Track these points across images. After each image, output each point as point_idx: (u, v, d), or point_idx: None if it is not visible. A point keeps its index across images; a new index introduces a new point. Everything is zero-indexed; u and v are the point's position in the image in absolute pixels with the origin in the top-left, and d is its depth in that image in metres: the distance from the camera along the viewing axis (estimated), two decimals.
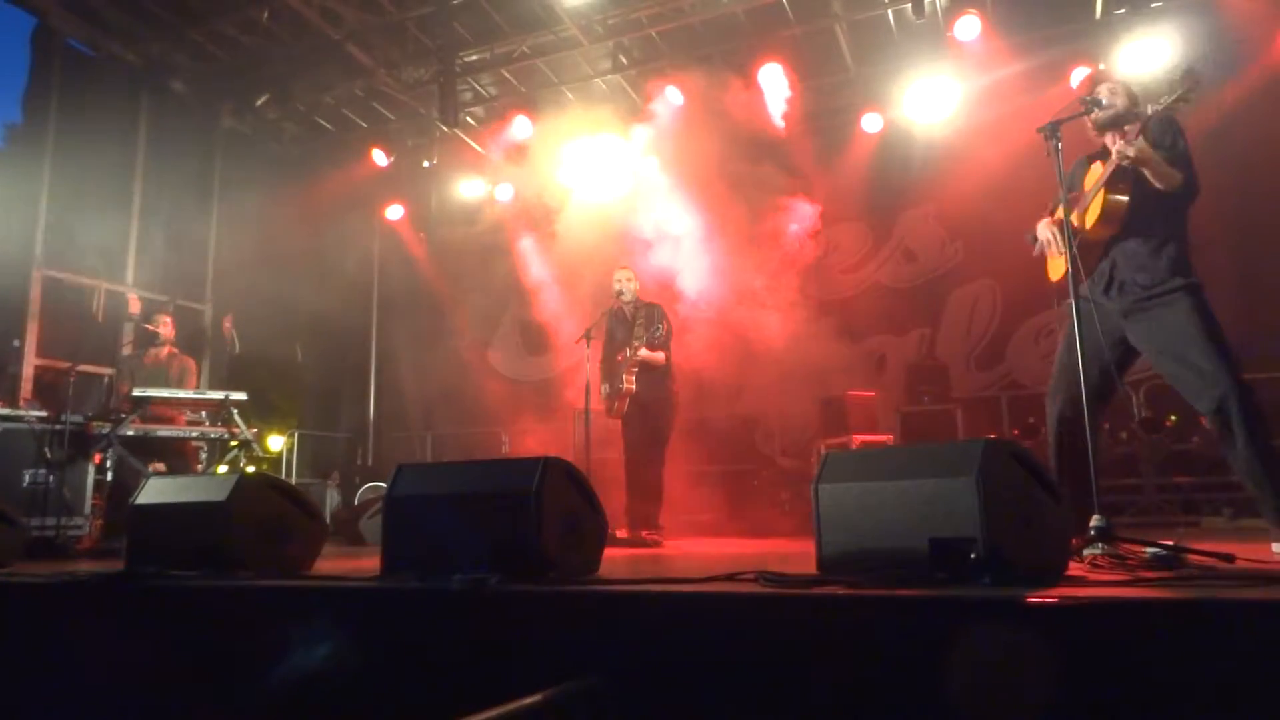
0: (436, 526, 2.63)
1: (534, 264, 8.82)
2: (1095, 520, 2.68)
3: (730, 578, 2.39)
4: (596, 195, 8.43)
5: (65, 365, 5.80)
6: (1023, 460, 2.25)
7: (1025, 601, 1.79)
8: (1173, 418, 6.49)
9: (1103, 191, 3.18)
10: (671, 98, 8.36)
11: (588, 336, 5.60)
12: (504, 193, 9.27)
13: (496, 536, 2.50)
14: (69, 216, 7.30)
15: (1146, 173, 3.06)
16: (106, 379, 7.54)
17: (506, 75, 8.75)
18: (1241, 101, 6.81)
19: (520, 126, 8.79)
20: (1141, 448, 6.43)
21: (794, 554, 3.43)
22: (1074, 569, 2.44)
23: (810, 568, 2.38)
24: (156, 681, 2.68)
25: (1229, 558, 2.48)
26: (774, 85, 8.12)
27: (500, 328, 9.68)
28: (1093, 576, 2.36)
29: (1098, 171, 3.29)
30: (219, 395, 5.57)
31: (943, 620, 1.85)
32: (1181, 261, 3.19)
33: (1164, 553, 2.54)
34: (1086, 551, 2.63)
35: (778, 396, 7.92)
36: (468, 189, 9.36)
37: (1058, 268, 3.44)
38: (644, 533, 5.29)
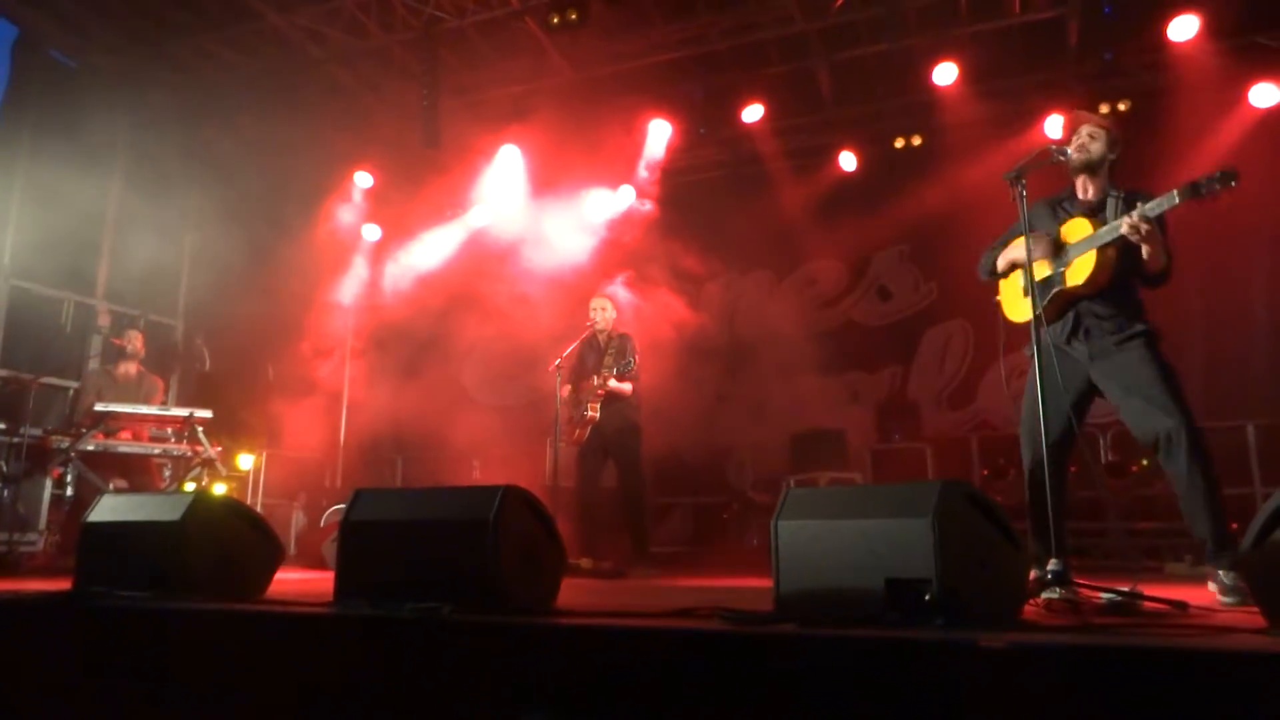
0: (392, 553, 2.59)
1: (511, 290, 8.81)
2: (1052, 564, 2.69)
3: (686, 613, 2.37)
4: (577, 223, 8.46)
5: (28, 377, 5.70)
6: (979, 503, 2.26)
7: (977, 645, 1.78)
8: (1144, 462, 6.55)
9: (1095, 255, 3.25)
10: (656, 131, 8.46)
11: (560, 366, 5.60)
12: (484, 217, 9.28)
13: (453, 565, 2.47)
14: (41, 227, 7.22)
15: (1144, 249, 3.16)
16: (71, 392, 7.43)
17: (492, 101, 8.80)
18: (1211, 151, 6.97)
19: (504, 153, 8.84)
20: (1107, 492, 6.48)
21: (758, 590, 3.41)
22: (1029, 613, 2.44)
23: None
24: (101, 705, 2.61)
25: (1182, 605, 2.50)
26: (755, 121, 8.23)
27: (475, 353, 9.65)
28: (1046, 621, 2.36)
29: (1084, 228, 3.33)
30: (183, 412, 5.50)
31: (894, 662, 1.85)
32: (1138, 310, 3.36)
33: (1119, 599, 2.55)
34: (1043, 595, 2.64)
35: (750, 429, 7.93)
36: (448, 213, 9.36)
37: (1018, 310, 3.50)
38: (645, 565, 5.35)
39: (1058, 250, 3.39)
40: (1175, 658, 1.69)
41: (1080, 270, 3.29)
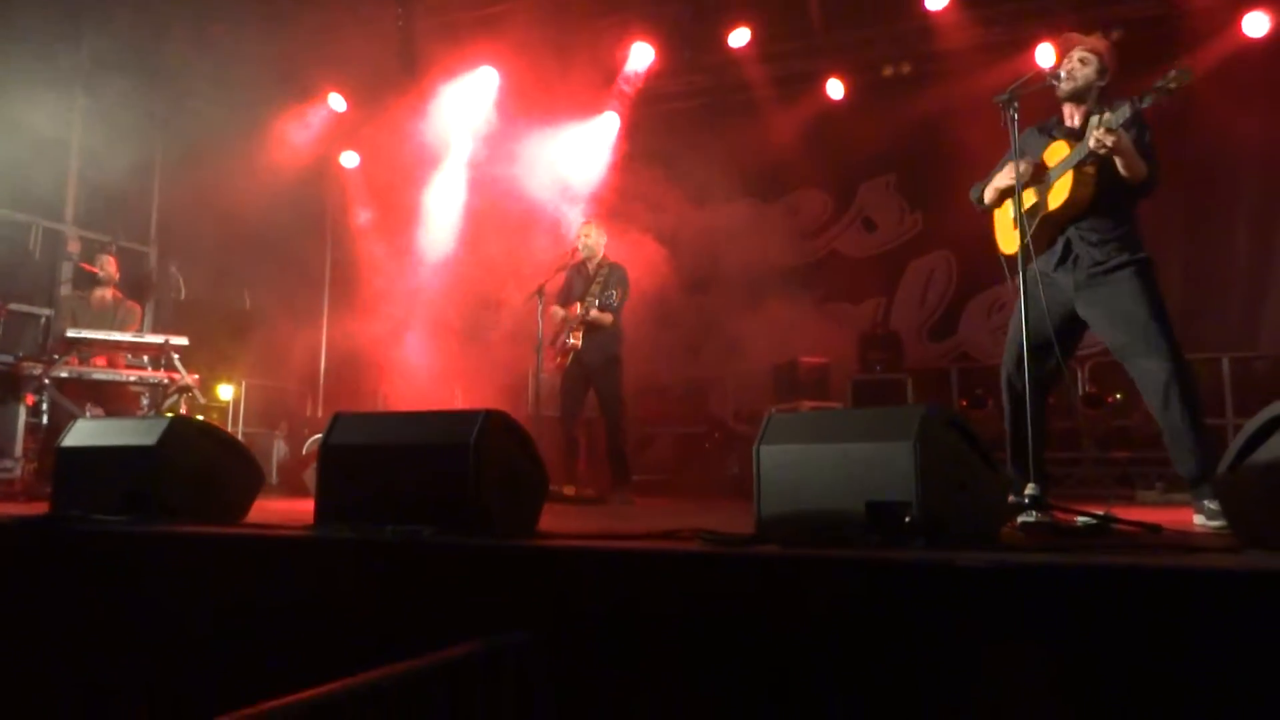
0: (372, 477, 2.58)
1: (490, 217, 8.68)
2: (1030, 489, 2.73)
3: (668, 535, 2.39)
4: (557, 150, 8.30)
5: None
6: (960, 428, 2.27)
7: (955, 565, 1.80)
8: (1118, 395, 6.63)
9: (1070, 174, 3.20)
10: (638, 55, 8.24)
11: (540, 293, 5.54)
12: (463, 143, 9.08)
13: (433, 489, 2.46)
14: (3, 151, 6.98)
15: (1118, 161, 3.09)
16: (44, 319, 7.31)
17: (468, 23, 8.51)
18: (1200, 84, 6.88)
19: (482, 78, 8.60)
20: (1083, 422, 6.57)
21: (740, 515, 3.44)
22: (1006, 535, 2.48)
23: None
24: (80, 628, 2.61)
25: (1156, 528, 2.54)
26: (742, 46, 8.03)
27: (457, 280, 9.52)
28: (1024, 543, 2.40)
29: (1062, 150, 3.29)
30: (158, 339, 5.42)
31: (874, 581, 1.86)
32: (1134, 238, 3.28)
33: (1094, 522, 2.59)
34: (1020, 518, 2.68)
35: (732, 360, 7.93)
36: (425, 135, 9.14)
37: (1010, 241, 3.46)
38: (625, 492, 5.36)
39: (1041, 175, 3.35)
40: (1149, 575, 1.72)
41: (1059, 192, 3.25)
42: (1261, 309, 7.05)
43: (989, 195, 3.53)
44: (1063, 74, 3.32)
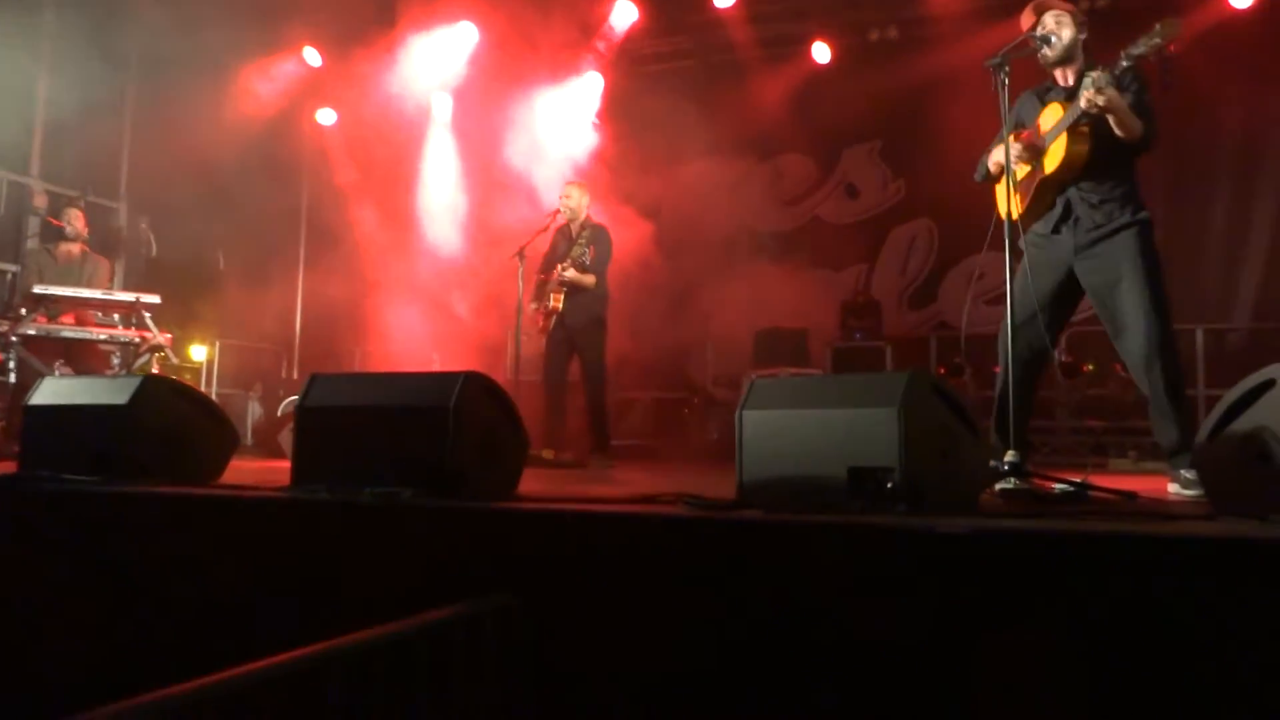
0: (350, 438, 2.54)
1: (469, 177, 8.55)
2: (1009, 456, 2.75)
3: (650, 500, 2.38)
4: (539, 111, 8.17)
5: None
6: (944, 394, 2.26)
7: (937, 531, 1.80)
8: (1090, 366, 6.69)
9: (1065, 135, 3.17)
10: (622, 14, 8.10)
11: (520, 255, 5.48)
12: (441, 100, 8.92)
13: (411, 451, 2.43)
14: None
15: (1111, 120, 3.06)
16: (10, 275, 7.15)
17: None
18: (1183, 53, 6.85)
19: (462, 31, 8.42)
20: (1059, 391, 6.64)
21: (721, 480, 3.44)
22: (987, 502, 2.49)
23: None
24: (48, 589, 2.57)
25: (1131, 496, 2.57)
26: (728, 7, 7.91)
27: (435, 242, 9.41)
28: (1004, 509, 2.42)
29: (1056, 113, 3.26)
30: (129, 297, 5.32)
31: (856, 546, 1.87)
32: (1134, 198, 3.26)
33: (1071, 489, 2.61)
34: (1000, 485, 2.70)
35: (713, 325, 7.92)
36: (403, 93, 8.96)
37: (1013, 205, 3.43)
38: (605, 456, 5.33)
39: (1037, 142, 3.32)
40: (1127, 541, 1.73)
41: (1055, 154, 3.23)
42: (1237, 281, 7.11)
43: (992, 168, 3.49)
44: (1053, 38, 3.28)
